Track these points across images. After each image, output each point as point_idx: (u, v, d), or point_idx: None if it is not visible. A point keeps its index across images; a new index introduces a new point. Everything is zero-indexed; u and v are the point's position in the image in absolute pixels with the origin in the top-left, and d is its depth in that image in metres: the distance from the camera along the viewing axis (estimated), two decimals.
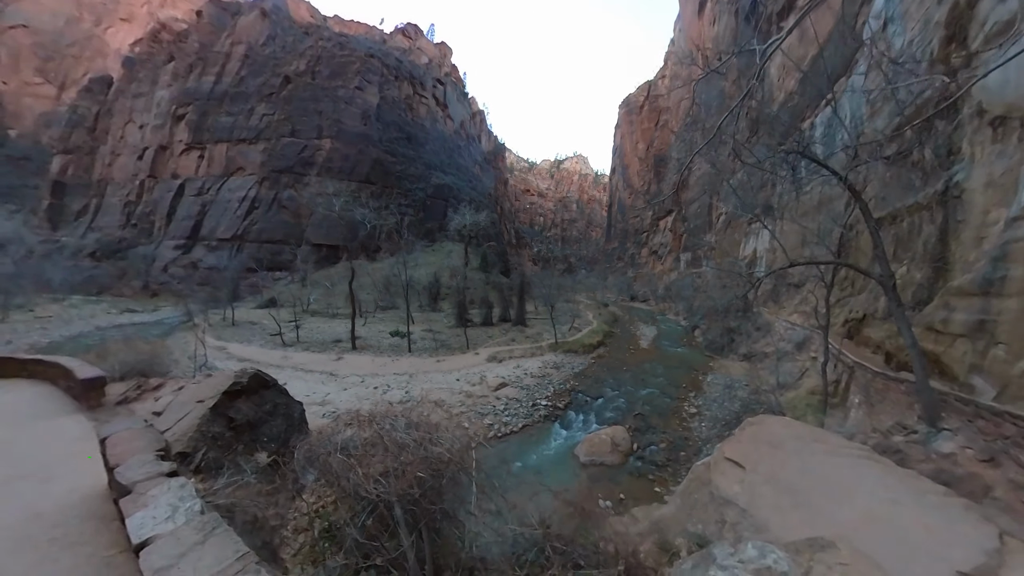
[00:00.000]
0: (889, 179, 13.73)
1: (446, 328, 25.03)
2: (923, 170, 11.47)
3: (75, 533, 2.28)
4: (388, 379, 15.80)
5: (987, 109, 8.81)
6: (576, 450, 9.66)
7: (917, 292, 10.11)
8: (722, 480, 2.81)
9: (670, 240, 63.01)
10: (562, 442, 10.42)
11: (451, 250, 48.68)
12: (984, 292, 7.69)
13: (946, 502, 2.48)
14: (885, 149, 13.36)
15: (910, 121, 11.58)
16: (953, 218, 9.51)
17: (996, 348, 7.03)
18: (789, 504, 2.44)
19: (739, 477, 2.76)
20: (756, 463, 2.89)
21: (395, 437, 2.93)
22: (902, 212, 12.36)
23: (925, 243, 10.41)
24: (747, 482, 2.69)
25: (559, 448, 10.07)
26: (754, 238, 33.85)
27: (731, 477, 2.71)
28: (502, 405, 12.62)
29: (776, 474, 2.71)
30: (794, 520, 2.28)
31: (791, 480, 2.67)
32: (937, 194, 10.10)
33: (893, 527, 2.25)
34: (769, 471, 2.77)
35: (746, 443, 3.33)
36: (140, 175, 45.02)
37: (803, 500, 2.45)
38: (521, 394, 13.80)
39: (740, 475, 2.75)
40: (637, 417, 12.07)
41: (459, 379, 15.36)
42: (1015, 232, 7.22)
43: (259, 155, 47.58)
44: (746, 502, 2.39)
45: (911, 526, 2.25)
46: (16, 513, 2.51)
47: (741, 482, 2.73)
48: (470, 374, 15.92)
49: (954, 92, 9.54)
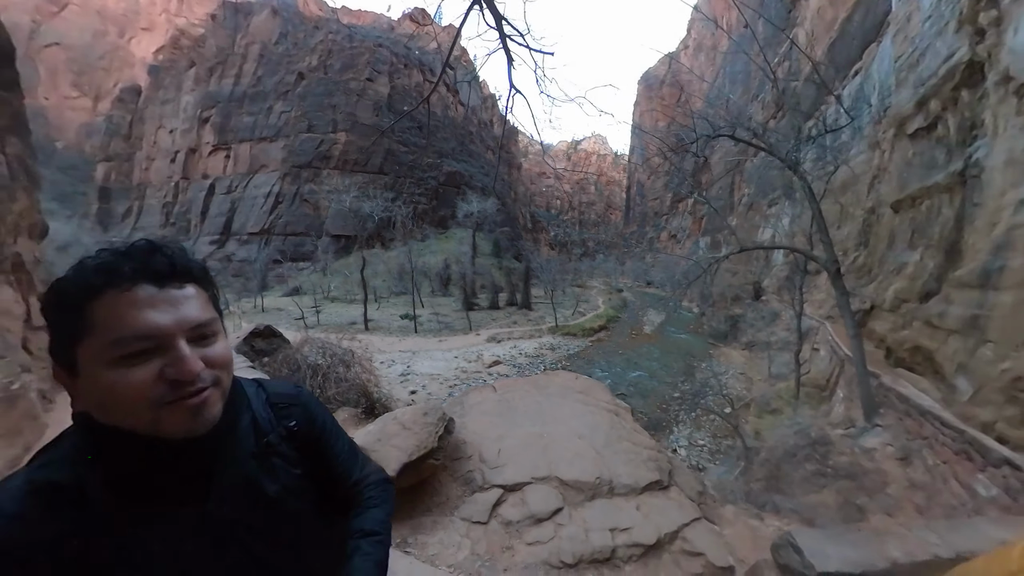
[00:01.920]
0: (912, 157, 12.75)
1: (453, 312, 26.14)
2: (947, 147, 10.61)
3: None
4: (393, 355, 17.03)
5: (1013, 76, 8.02)
6: None
7: (927, 283, 9.00)
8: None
9: (689, 224, 60.70)
10: None
11: (463, 237, 49.50)
12: (982, 284, 6.90)
13: (637, 446, 3.22)
14: (908, 124, 12.39)
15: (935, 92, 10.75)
16: (970, 201, 8.24)
17: (984, 347, 6.39)
18: (523, 417, 3.42)
19: (498, 398, 3.81)
20: (516, 394, 3.88)
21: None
22: (922, 194, 11.50)
23: (942, 229, 9.12)
24: (503, 403, 3.73)
25: None
26: (773, 222, 32.26)
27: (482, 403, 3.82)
28: (492, 379, 13.50)
29: (521, 403, 3.71)
30: (524, 424, 3.33)
31: (533, 407, 3.63)
32: (956, 173, 9.59)
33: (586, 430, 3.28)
34: (519, 400, 3.76)
35: (525, 384, 4.28)
36: (174, 177, 48.37)
37: (535, 418, 3.44)
38: (512, 371, 14.60)
39: (499, 397, 3.85)
40: (619, 396, 12.55)
41: (457, 356, 16.34)
42: (1021, 215, 6.55)
43: (280, 152, 49.77)
44: (499, 414, 3.50)
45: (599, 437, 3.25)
46: None
47: (499, 402, 3.74)
48: (468, 352, 16.88)
49: (981, 57, 8.88)
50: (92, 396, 0.47)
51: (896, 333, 10.53)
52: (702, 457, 8.93)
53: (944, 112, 10.86)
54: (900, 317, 10.77)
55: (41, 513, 0.46)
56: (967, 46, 9.15)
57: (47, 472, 0.48)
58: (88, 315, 0.46)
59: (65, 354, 0.47)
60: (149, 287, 0.48)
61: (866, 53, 19.99)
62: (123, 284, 0.46)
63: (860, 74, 20.88)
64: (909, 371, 9.53)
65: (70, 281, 0.47)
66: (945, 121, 10.82)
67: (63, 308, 0.47)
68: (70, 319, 0.46)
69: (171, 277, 0.50)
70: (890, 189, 13.26)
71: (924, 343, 8.54)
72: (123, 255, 0.48)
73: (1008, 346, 5.82)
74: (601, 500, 2.55)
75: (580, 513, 2.46)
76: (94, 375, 0.46)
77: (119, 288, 0.46)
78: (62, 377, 0.49)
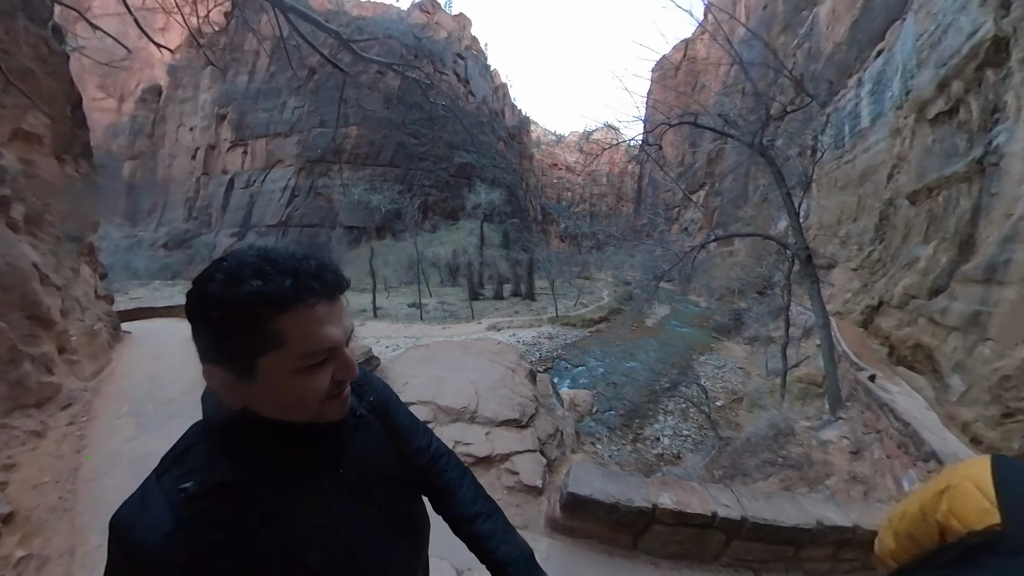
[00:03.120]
0: (932, 145, 11.92)
1: (458, 301, 26.69)
2: (969, 133, 9.75)
3: None
4: (398, 340, 17.74)
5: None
6: None
7: (937, 279, 8.61)
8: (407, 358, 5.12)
9: (701, 216, 59.18)
10: None
11: (472, 228, 49.88)
12: (986, 279, 6.54)
13: (515, 395, 3.86)
14: (929, 108, 11.57)
15: (958, 72, 9.96)
16: (987, 191, 7.76)
17: (984, 345, 6.05)
18: (437, 366, 4.24)
19: (427, 353, 4.73)
20: (443, 352, 4.86)
21: None
22: (940, 184, 10.75)
23: (958, 222, 8.64)
24: (429, 356, 4.73)
25: None
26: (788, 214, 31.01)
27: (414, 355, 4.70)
28: None
29: (442, 357, 4.55)
30: (435, 370, 4.16)
31: (449, 360, 4.43)
32: (975, 161, 8.22)
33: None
34: (442, 356, 4.61)
35: (453, 346, 5.19)
36: (195, 173, 50.30)
37: (446, 367, 4.25)
38: None
39: (428, 352, 4.76)
40: (609, 386, 12.75)
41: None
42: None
43: (294, 147, 50.96)
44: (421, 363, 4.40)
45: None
46: None
47: (426, 356, 4.69)
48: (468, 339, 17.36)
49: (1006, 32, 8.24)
50: (270, 398, 0.52)
51: (900, 330, 10.04)
52: (684, 447, 9.06)
53: (966, 95, 9.92)
54: (907, 314, 10.27)
55: (203, 523, 0.48)
56: (991, 21, 8.35)
57: (203, 477, 0.50)
58: (276, 330, 0.49)
59: (246, 363, 0.50)
60: (325, 303, 0.52)
61: (889, 32, 18.82)
62: (308, 301, 0.50)
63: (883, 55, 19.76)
64: (910, 369, 9.16)
65: (250, 296, 0.47)
66: (967, 105, 9.89)
67: (248, 322, 0.48)
68: (257, 333, 0.49)
69: (337, 291, 0.55)
70: (908, 179, 12.53)
71: (925, 340, 8.06)
72: (298, 272, 0.50)
73: (1008, 344, 5.53)
74: (462, 423, 3.29)
75: (441, 429, 3.20)
76: (277, 381, 0.51)
77: (305, 304, 0.50)
78: (228, 380, 0.51)
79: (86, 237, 4.34)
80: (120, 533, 0.48)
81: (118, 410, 3.26)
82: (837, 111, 23.49)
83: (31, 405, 2.61)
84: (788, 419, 6.07)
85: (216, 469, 0.52)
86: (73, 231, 4.01)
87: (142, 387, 3.83)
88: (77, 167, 4.17)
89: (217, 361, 0.51)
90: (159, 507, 0.48)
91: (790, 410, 8.30)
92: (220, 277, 0.48)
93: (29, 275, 2.88)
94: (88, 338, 3.95)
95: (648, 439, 9.28)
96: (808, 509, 2.16)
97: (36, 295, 2.90)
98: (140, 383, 3.92)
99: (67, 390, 3.04)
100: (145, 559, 0.46)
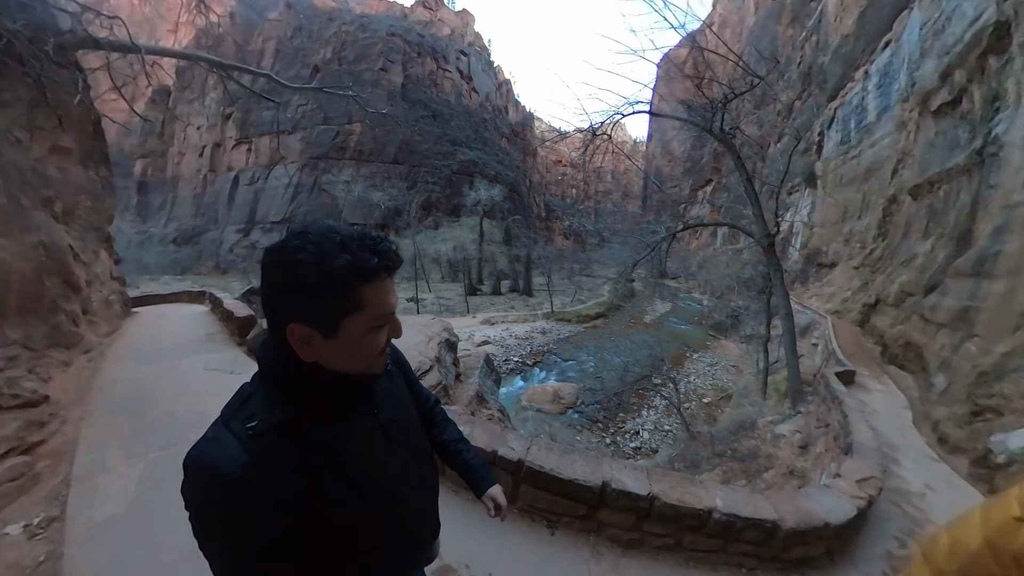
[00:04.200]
0: (935, 137, 11.51)
1: (456, 296, 26.80)
2: (971, 124, 9.02)
3: None
4: None
5: None
6: (522, 396, 10.72)
7: (934, 275, 8.49)
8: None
9: (707, 213, 58.33)
10: (516, 389, 11.54)
11: (474, 225, 50.00)
12: (976, 273, 6.43)
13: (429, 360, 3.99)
14: (932, 99, 11.15)
15: (961, 60, 9.53)
16: (986, 183, 7.64)
17: (971, 341, 5.94)
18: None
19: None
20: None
21: None
22: (941, 178, 10.00)
23: (957, 216, 8.57)
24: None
25: (511, 393, 11.23)
26: (792, 211, 30.48)
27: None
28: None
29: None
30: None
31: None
32: (975, 152, 8.13)
33: None
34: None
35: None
36: (202, 170, 51.19)
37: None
38: (498, 351, 15.01)
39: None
40: (597, 379, 12.72)
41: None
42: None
43: (298, 144, 51.42)
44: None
45: None
46: None
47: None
48: (461, 332, 17.27)
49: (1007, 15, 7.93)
50: (344, 351, 0.62)
51: (893, 328, 9.78)
52: (664, 442, 9.03)
53: (969, 84, 9.61)
54: (902, 312, 9.99)
55: (270, 454, 0.57)
56: (994, 5, 8.04)
57: (265, 418, 0.59)
58: (360, 296, 0.59)
59: (333, 322, 0.59)
60: (388, 277, 0.63)
61: (897, 22, 18.26)
62: (381, 275, 0.61)
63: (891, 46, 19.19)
64: (900, 368, 8.89)
65: (345, 268, 0.57)
66: (970, 94, 9.58)
67: (342, 288, 0.58)
68: (346, 298, 0.58)
69: (398, 268, 0.66)
70: (911, 174, 12.18)
71: (916, 338, 7.84)
72: (377, 251, 0.61)
73: (994, 340, 5.42)
74: None
75: None
76: (355, 337, 0.61)
77: (379, 278, 0.61)
78: (309, 336, 0.60)
79: (104, 227, 5.41)
80: (199, 469, 0.56)
81: (123, 355, 4.31)
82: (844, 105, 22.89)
83: (62, 346, 3.53)
84: (752, 415, 5.97)
85: (276, 411, 0.61)
86: (95, 222, 5.00)
87: (142, 342, 4.86)
88: (97, 172, 5.23)
89: (305, 319, 0.59)
90: (232, 444, 0.57)
91: (767, 407, 8.19)
92: (312, 249, 0.57)
93: (66, 252, 3.85)
94: (105, 306, 5.07)
95: (628, 432, 9.25)
96: (604, 472, 2.16)
97: (70, 267, 3.86)
98: (141, 340, 4.95)
99: (87, 340, 3.96)
100: (229, 487, 0.54)
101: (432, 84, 63.52)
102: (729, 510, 2.10)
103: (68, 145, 4.52)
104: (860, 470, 3.01)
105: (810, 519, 2.23)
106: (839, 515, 2.37)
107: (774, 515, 2.15)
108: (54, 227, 3.80)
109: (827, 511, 2.35)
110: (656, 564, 2.10)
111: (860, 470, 3.01)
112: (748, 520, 2.10)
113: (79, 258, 4.15)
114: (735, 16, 65.38)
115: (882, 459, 3.72)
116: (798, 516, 2.22)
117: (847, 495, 2.63)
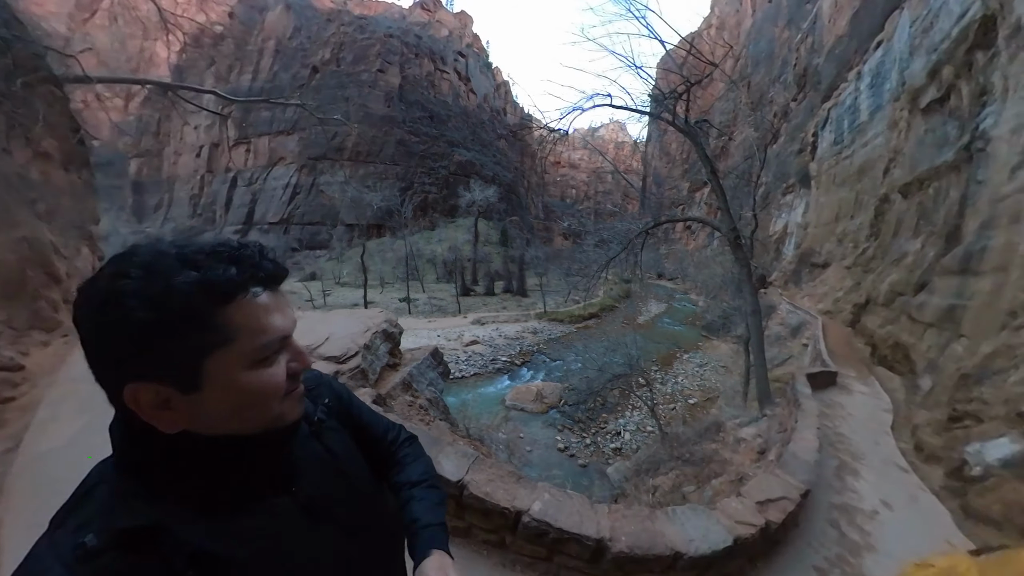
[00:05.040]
0: (924, 135, 11.49)
1: (449, 296, 26.74)
2: (959, 120, 8.95)
3: None
4: None
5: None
6: (506, 396, 10.61)
7: (924, 274, 8.35)
8: None
9: (705, 213, 58.32)
10: (502, 389, 11.44)
11: (471, 226, 49.99)
12: (963, 270, 6.30)
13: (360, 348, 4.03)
14: (921, 97, 11.16)
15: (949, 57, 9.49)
16: (974, 179, 7.54)
17: (957, 342, 5.74)
18: (321, 324, 4.64)
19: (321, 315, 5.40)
20: (332, 315, 5.59)
21: None
22: (930, 176, 9.96)
23: (946, 214, 8.46)
24: (310, 318, 5.06)
25: (496, 392, 11.12)
26: (787, 212, 30.43)
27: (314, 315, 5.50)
28: (465, 357, 13.89)
29: (331, 319, 5.10)
30: (321, 324, 4.61)
31: (335, 319, 4.88)
32: (963, 148, 8.08)
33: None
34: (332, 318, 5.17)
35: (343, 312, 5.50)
36: (200, 171, 51.17)
37: (322, 323, 4.68)
38: (487, 351, 14.92)
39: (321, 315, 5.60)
40: (583, 380, 12.56)
41: (440, 336, 16.86)
42: (1014, 183, 5.62)
43: (296, 145, 51.46)
44: (310, 321, 4.85)
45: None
46: None
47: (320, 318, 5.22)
48: (451, 332, 17.35)
49: (993, 8, 7.89)
50: (222, 405, 0.45)
51: (883, 328, 9.67)
52: (645, 443, 8.91)
53: (957, 80, 9.59)
54: (891, 312, 9.90)
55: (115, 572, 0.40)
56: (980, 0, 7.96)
57: (104, 528, 0.41)
58: (223, 323, 0.43)
59: (190, 368, 0.43)
60: (266, 292, 0.47)
61: (888, 22, 18.31)
62: (247, 289, 0.45)
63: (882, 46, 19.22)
64: (889, 370, 8.76)
65: (188, 287, 0.41)
66: (958, 91, 9.56)
67: (189, 318, 0.41)
68: (201, 330, 0.42)
69: (279, 280, 0.50)
70: (902, 172, 12.16)
71: (904, 339, 7.73)
72: (237, 259, 0.45)
73: (979, 340, 5.22)
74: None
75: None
76: (229, 382, 0.44)
77: (246, 294, 0.44)
78: (163, 398, 0.43)
79: (87, 226, 5.65)
80: None
81: None
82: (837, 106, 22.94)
83: (42, 328, 3.89)
84: (722, 417, 5.85)
85: (119, 514, 0.43)
86: (76, 221, 5.28)
87: None
88: (79, 175, 5.54)
89: (147, 377, 0.42)
90: (51, 572, 0.38)
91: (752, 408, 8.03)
92: (138, 273, 0.40)
93: (47, 247, 4.24)
94: None
95: (610, 433, 9.13)
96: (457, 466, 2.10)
97: (51, 260, 4.25)
98: None
99: (65, 326, 4.21)
100: None
101: (430, 85, 63.63)
102: (542, 517, 1.90)
103: (49, 151, 4.90)
104: (771, 489, 2.64)
105: (653, 545, 1.93)
106: (703, 545, 2.00)
107: (598, 533, 1.89)
108: (37, 225, 4.20)
109: (686, 539, 2.00)
110: (480, 559, 2.01)
111: (771, 489, 2.64)
112: (564, 532, 1.88)
113: (60, 252, 4.51)
114: (733, 19, 65.60)
115: (818, 474, 3.29)
116: (637, 539, 1.93)
117: (731, 520, 2.24)
